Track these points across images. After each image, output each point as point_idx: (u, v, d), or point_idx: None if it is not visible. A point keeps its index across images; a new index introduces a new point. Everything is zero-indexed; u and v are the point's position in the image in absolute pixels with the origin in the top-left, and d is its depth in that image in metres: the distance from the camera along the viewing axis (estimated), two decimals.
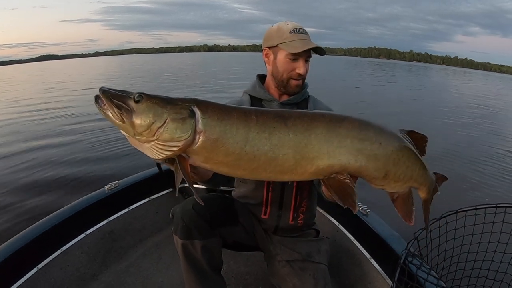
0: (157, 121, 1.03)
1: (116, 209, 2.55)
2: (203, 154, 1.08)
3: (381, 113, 11.89)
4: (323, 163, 1.13)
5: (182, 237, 1.60)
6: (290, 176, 1.17)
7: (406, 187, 1.31)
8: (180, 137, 1.04)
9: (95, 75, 34.62)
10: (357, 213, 2.30)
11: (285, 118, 1.13)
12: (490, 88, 38.48)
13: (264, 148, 1.08)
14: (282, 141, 1.10)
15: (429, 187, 1.38)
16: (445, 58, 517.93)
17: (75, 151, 7.14)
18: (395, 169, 1.22)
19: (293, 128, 1.11)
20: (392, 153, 1.20)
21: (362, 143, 1.15)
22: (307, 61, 1.71)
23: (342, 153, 1.14)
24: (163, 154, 1.06)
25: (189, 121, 1.05)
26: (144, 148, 1.08)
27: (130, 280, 2.29)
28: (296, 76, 1.70)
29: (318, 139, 1.12)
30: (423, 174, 1.32)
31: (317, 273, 1.73)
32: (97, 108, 1.05)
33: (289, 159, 1.10)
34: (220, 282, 1.75)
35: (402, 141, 1.25)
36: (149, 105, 1.05)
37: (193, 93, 14.40)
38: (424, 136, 1.33)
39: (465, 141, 9.44)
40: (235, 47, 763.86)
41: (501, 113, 16.87)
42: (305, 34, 1.67)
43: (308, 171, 1.14)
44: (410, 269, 1.56)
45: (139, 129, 1.04)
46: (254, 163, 1.09)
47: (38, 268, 1.94)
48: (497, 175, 6.57)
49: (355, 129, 1.16)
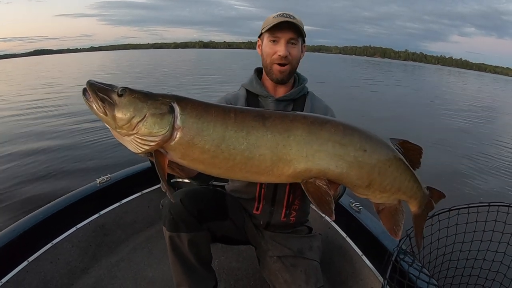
0: (137, 116, 1.05)
1: (108, 203, 2.54)
2: (180, 151, 1.08)
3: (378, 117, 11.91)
4: (301, 167, 1.10)
5: (169, 229, 1.60)
6: (266, 178, 1.15)
7: (393, 199, 1.26)
8: (158, 132, 1.04)
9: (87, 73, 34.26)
10: (350, 210, 2.30)
11: (264, 117, 1.11)
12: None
13: (240, 147, 1.07)
14: (260, 141, 1.08)
15: (420, 201, 1.32)
16: (440, 58, 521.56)
17: (66, 144, 7.14)
18: (381, 179, 1.17)
19: (271, 128, 1.09)
20: (378, 162, 1.15)
21: (344, 149, 1.12)
22: (292, 44, 1.65)
23: (321, 157, 1.10)
24: (142, 148, 1.07)
25: (168, 117, 1.05)
26: (125, 141, 1.10)
27: (121, 274, 2.28)
28: (278, 59, 1.65)
29: (297, 141, 1.09)
30: (413, 187, 1.26)
31: (309, 269, 1.73)
32: (84, 100, 1.07)
33: (266, 160, 1.08)
34: (208, 276, 1.74)
35: (390, 150, 1.20)
36: (131, 99, 1.06)
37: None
38: (419, 147, 1.28)
39: (462, 140, 9.53)
40: (230, 43, 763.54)
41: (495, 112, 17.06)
42: (288, 17, 1.61)
43: (285, 173, 1.12)
44: (402, 267, 1.56)
45: (120, 123, 1.05)
46: (230, 162, 1.08)
47: (28, 261, 1.92)
48: (492, 173, 6.63)
49: (338, 133, 1.13)
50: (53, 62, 66.62)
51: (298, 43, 1.68)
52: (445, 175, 5.98)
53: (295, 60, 1.69)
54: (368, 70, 52.68)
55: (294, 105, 1.79)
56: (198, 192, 1.73)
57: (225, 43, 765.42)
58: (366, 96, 17.90)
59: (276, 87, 1.79)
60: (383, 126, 9.09)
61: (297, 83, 1.84)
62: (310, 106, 1.80)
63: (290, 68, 1.70)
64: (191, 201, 1.61)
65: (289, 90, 1.80)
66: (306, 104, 1.81)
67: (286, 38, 1.63)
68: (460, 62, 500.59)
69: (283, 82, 1.75)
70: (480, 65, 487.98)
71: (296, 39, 1.66)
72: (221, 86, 17.81)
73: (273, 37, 1.64)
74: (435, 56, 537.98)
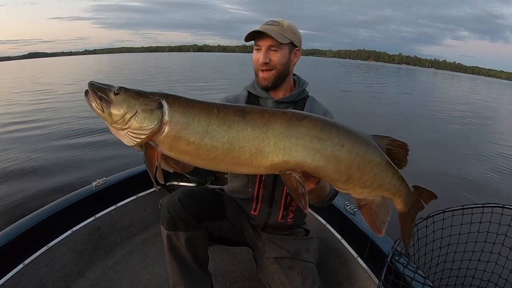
0: (130, 111, 1.14)
1: (103, 206, 2.53)
2: (168, 143, 1.16)
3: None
4: (278, 159, 1.15)
5: (167, 228, 1.62)
6: (246, 169, 1.20)
7: (374, 195, 1.26)
8: (147, 126, 1.13)
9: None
10: (345, 212, 2.31)
11: (245, 112, 1.17)
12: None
13: (222, 140, 1.14)
14: (240, 135, 1.14)
15: (405, 200, 1.31)
16: (434, 61, 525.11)
17: (61, 146, 7.12)
18: (360, 174, 1.19)
19: (251, 122, 1.15)
20: (357, 157, 1.17)
21: (322, 143, 1.15)
22: (274, 50, 1.68)
23: (298, 150, 1.15)
24: (134, 141, 1.15)
25: (157, 112, 1.14)
26: (120, 135, 1.18)
27: (116, 277, 2.27)
28: (260, 66, 1.71)
29: (276, 134, 1.14)
30: (396, 184, 1.26)
31: (305, 271, 1.74)
32: (85, 100, 1.18)
33: (245, 152, 1.14)
34: (204, 278, 1.74)
35: (370, 146, 1.21)
36: (125, 97, 1.16)
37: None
38: (404, 143, 1.27)
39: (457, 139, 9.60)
40: (224, 47, 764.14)
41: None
42: (270, 24, 1.68)
43: (263, 165, 1.16)
44: (396, 268, 1.56)
45: (115, 118, 1.15)
46: (212, 153, 1.14)
47: (24, 264, 1.92)
48: (487, 174, 6.68)
49: (316, 128, 1.16)
50: (47, 65, 66.23)
51: (281, 49, 1.68)
52: (444, 174, 6.03)
53: (280, 65, 1.71)
54: (359, 74, 52.84)
55: (294, 107, 1.81)
56: (197, 192, 1.76)
57: (220, 46, 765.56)
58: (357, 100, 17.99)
59: (276, 90, 1.81)
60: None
61: (298, 86, 1.86)
62: (309, 109, 1.82)
63: (276, 73, 1.72)
64: (190, 200, 1.64)
65: (289, 92, 1.83)
66: (306, 107, 1.82)
67: (265, 45, 1.68)
68: (454, 65, 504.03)
69: (270, 88, 1.78)
70: (473, 68, 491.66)
71: (278, 45, 1.67)
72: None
73: (256, 46, 1.71)
74: (429, 60, 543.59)
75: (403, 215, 1.35)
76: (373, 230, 1.30)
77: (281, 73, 1.74)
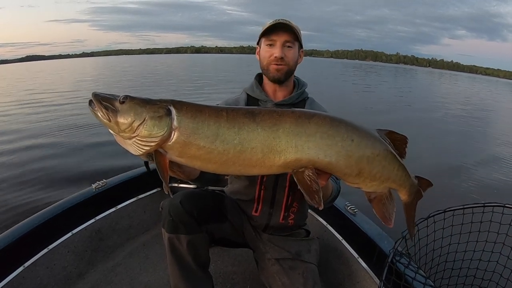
0: (137, 119, 1.13)
1: (104, 208, 2.53)
2: (178, 149, 1.15)
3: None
4: (291, 157, 1.16)
5: (169, 231, 1.62)
6: (259, 170, 1.21)
7: (383, 188, 1.31)
8: (157, 133, 1.12)
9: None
10: (345, 213, 2.31)
11: (254, 114, 1.18)
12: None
13: (233, 142, 1.14)
14: (251, 136, 1.15)
15: (409, 190, 1.37)
16: (431, 60, 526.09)
17: (62, 150, 7.10)
18: (370, 167, 1.22)
19: (261, 123, 1.16)
20: (366, 151, 1.21)
21: (332, 139, 1.17)
22: (288, 47, 1.70)
23: (310, 147, 1.16)
24: (143, 150, 1.14)
25: (166, 119, 1.14)
26: (127, 144, 1.18)
27: (117, 279, 2.27)
28: (274, 60, 1.70)
29: (287, 133, 1.16)
30: (402, 176, 1.31)
31: (306, 272, 1.73)
32: (90, 110, 1.17)
33: (257, 152, 1.15)
34: (206, 279, 1.74)
35: (377, 140, 1.25)
36: (131, 105, 1.15)
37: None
38: (404, 136, 1.32)
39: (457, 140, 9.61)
40: (222, 48, 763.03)
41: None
42: (283, 21, 1.68)
43: (276, 164, 1.17)
44: (398, 268, 1.57)
45: (122, 127, 1.14)
46: (224, 156, 1.15)
47: (24, 266, 1.91)
48: (487, 174, 6.68)
49: (326, 125, 1.19)
50: (44, 68, 66.00)
51: (294, 46, 1.71)
52: (440, 175, 6.02)
53: (292, 62, 1.73)
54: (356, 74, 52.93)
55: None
56: (198, 194, 1.76)
57: (217, 48, 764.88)
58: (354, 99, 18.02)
59: (276, 92, 1.81)
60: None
61: (297, 88, 1.86)
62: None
63: (287, 68, 1.73)
64: (191, 203, 1.64)
65: (289, 94, 1.83)
66: (306, 108, 1.82)
67: (281, 40, 1.68)
68: (451, 64, 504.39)
69: (280, 81, 1.77)
70: (471, 67, 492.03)
71: (292, 42, 1.69)
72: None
73: (269, 41, 1.70)
74: (427, 59, 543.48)
75: (408, 205, 1.41)
76: (384, 222, 1.35)
77: (291, 69, 1.76)
